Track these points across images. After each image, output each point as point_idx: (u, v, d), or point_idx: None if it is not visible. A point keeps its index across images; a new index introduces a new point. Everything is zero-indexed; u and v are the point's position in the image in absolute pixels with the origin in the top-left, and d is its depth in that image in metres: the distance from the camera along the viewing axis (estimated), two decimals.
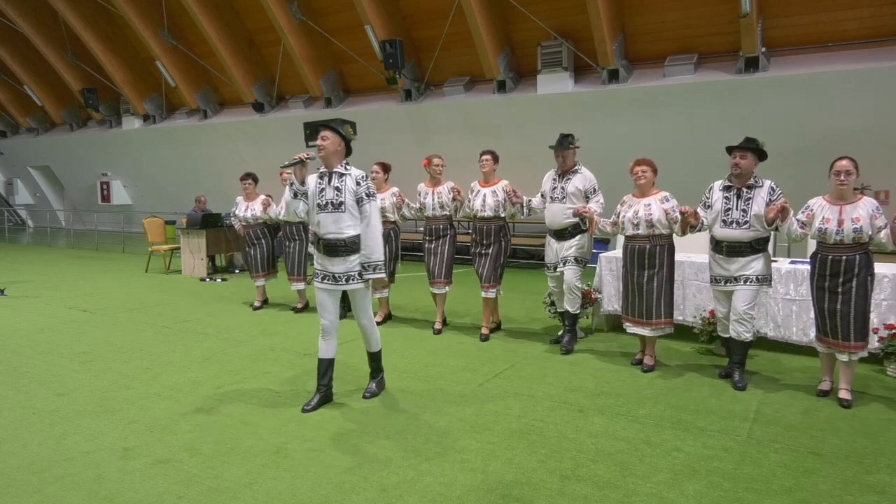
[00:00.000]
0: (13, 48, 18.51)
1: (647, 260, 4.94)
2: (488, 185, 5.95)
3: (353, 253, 4.13)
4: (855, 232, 4.10)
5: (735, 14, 9.29)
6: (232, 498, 3.08)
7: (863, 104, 9.06)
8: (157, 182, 18.62)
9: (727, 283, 4.64)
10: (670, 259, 4.98)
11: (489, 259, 5.97)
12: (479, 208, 5.93)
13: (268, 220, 7.62)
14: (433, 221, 6.24)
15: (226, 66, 14.51)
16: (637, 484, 3.18)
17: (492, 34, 11.33)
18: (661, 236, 4.91)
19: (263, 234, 7.69)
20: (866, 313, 4.23)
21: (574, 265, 5.54)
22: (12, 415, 4.19)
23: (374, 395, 4.48)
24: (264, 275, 7.73)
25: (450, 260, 6.28)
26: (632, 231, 4.96)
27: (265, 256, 7.70)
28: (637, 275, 5.00)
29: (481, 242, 6.01)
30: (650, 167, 4.94)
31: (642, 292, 4.98)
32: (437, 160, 6.21)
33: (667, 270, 4.95)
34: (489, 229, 5.94)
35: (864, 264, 4.16)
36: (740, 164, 4.48)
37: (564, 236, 5.54)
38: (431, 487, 3.16)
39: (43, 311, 7.56)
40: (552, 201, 5.57)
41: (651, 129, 10.58)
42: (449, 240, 6.26)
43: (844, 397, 4.25)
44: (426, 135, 12.58)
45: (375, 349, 4.55)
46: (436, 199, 6.16)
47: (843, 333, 4.23)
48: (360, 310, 4.33)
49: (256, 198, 7.68)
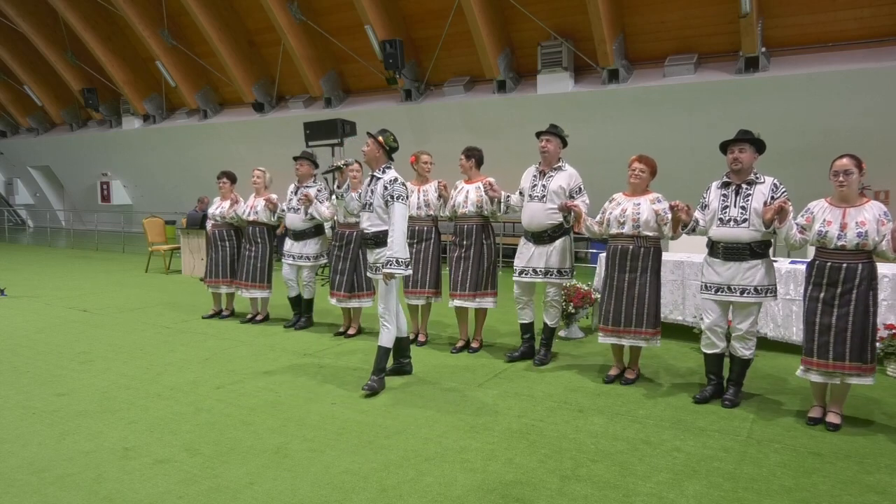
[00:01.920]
0: (13, 48, 18.51)
1: (629, 262, 4.54)
2: (472, 183, 5.53)
3: (377, 246, 4.59)
4: (859, 237, 3.65)
5: (735, 14, 9.30)
6: (232, 498, 3.08)
7: (863, 104, 9.07)
8: (157, 182, 18.63)
9: (719, 291, 4.16)
10: (656, 263, 4.56)
11: (470, 263, 5.42)
12: (461, 203, 5.47)
13: (235, 220, 6.88)
14: (415, 222, 5.63)
15: (226, 66, 14.52)
16: (637, 484, 3.18)
17: (492, 34, 11.34)
18: (646, 238, 4.50)
19: (229, 237, 6.96)
20: (866, 330, 3.71)
21: (557, 277, 5.10)
22: (12, 415, 4.19)
23: (372, 391, 4.49)
24: (225, 282, 6.96)
25: (435, 267, 5.70)
26: (616, 230, 4.57)
27: (227, 261, 6.95)
28: (618, 278, 4.59)
29: (461, 244, 5.49)
30: (649, 168, 4.59)
31: (622, 297, 4.58)
32: (424, 157, 5.78)
33: (651, 275, 4.54)
34: (469, 228, 5.45)
35: (867, 275, 3.69)
36: (741, 159, 4.08)
37: (543, 240, 5.06)
38: (431, 487, 3.16)
39: (43, 311, 7.56)
40: (531, 200, 5.07)
41: (651, 129, 10.58)
42: (433, 244, 5.71)
43: (832, 421, 3.83)
44: (426, 135, 12.59)
45: (381, 343, 4.62)
46: (421, 197, 5.68)
47: (836, 353, 3.73)
48: (378, 298, 4.67)
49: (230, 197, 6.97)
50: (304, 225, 6.43)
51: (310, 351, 5.72)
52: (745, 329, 4.16)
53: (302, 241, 6.47)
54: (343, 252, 6.04)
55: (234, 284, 6.96)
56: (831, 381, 3.84)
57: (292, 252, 6.51)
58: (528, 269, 5.15)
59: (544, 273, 5.11)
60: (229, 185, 7.00)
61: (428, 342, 5.90)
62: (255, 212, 6.68)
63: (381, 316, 4.61)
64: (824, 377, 3.84)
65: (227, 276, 6.95)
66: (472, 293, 5.44)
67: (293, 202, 6.46)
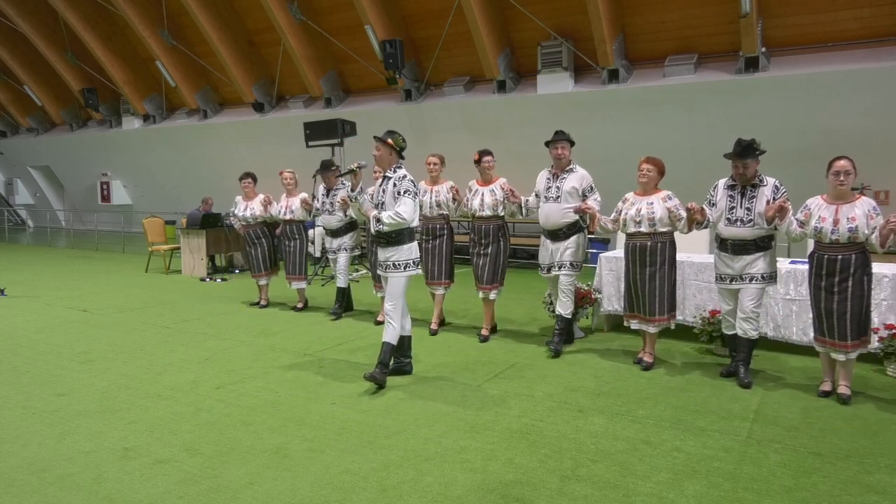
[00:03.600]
0: (13, 48, 18.51)
1: (648, 257, 4.95)
2: (486, 185, 5.94)
3: (390, 245, 4.68)
4: (850, 231, 4.10)
5: (735, 14, 9.29)
6: (232, 498, 3.08)
7: (863, 104, 9.06)
8: (157, 182, 18.62)
9: (733, 281, 4.68)
10: (672, 256, 5.00)
11: (488, 259, 5.94)
12: (477, 207, 5.91)
13: (268, 218, 7.61)
14: (430, 221, 6.15)
15: (226, 66, 14.51)
16: (637, 484, 3.18)
17: (492, 34, 11.34)
18: (662, 234, 4.92)
19: (263, 234, 7.66)
20: (862, 313, 4.21)
21: (570, 270, 5.51)
22: (12, 415, 4.19)
23: (374, 379, 4.56)
24: (266, 274, 7.74)
25: (448, 260, 6.23)
26: (633, 229, 4.97)
27: (266, 255, 7.69)
28: (639, 272, 5.01)
29: (480, 242, 5.97)
30: (657, 167, 4.96)
31: (644, 289, 5.00)
32: (431, 158, 6.19)
33: (668, 267, 4.98)
34: (488, 229, 5.91)
35: (861, 264, 4.15)
36: (745, 173, 4.55)
37: (559, 237, 5.50)
38: (431, 487, 3.16)
39: (43, 311, 7.56)
40: (547, 201, 5.51)
41: (651, 129, 10.58)
42: (446, 239, 6.20)
43: (843, 392, 4.28)
44: (426, 135, 12.59)
45: (387, 339, 4.69)
46: (433, 197, 6.11)
47: (840, 333, 4.24)
48: (387, 294, 4.78)
49: (255, 197, 7.64)
50: (339, 223, 7.15)
51: (310, 351, 5.72)
52: (751, 308, 4.63)
53: (339, 238, 7.19)
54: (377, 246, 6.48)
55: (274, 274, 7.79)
56: (839, 358, 4.28)
57: (332, 248, 7.24)
58: (552, 265, 5.61)
59: (559, 266, 5.54)
60: (253, 185, 7.70)
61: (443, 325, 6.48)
62: (290, 211, 7.39)
63: (387, 313, 4.72)
64: (836, 353, 4.30)
65: (268, 267, 7.74)
66: (489, 286, 5.97)
67: (326, 205, 7.13)
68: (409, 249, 4.71)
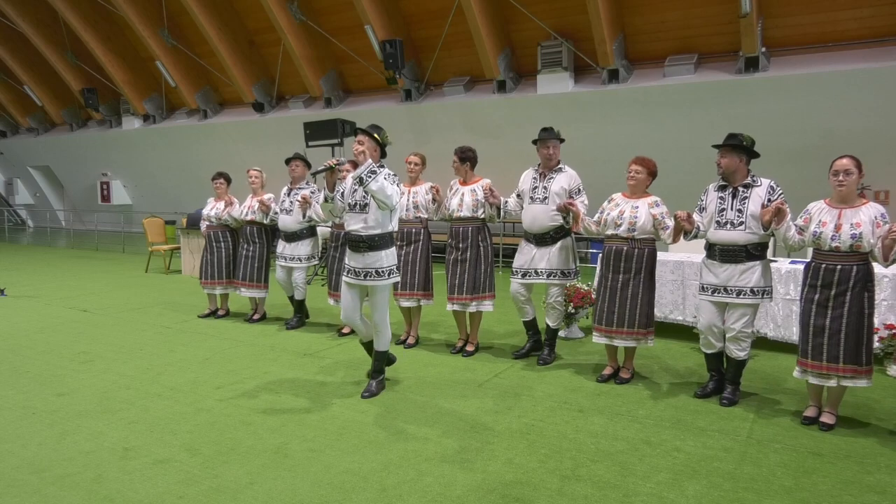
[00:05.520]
0: (13, 48, 18.49)
1: (623, 262, 4.57)
2: (467, 184, 5.45)
3: (371, 250, 4.31)
4: (853, 238, 3.62)
5: (735, 14, 9.29)
6: (232, 498, 3.08)
7: (863, 104, 9.06)
8: (157, 182, 18.62)
9: (715, 292, 4.19)
10: (650, 264, 4.59)
11: (467, 266, 5.34)
12: (455, 207, 5.38)
13: (230, 222, 6.89)
14: (405, 224, 5.56)
15: (226, 66, 14.51)
16: (637, 484, 3.18)
17: (492, 34, 11.33)
18: (641, 240, 4.54)
19: (224, 238, 6.94)
20: (860, 333, 3.70)
21: (561, 279, 5.13)
22: (12, 415, 4.19)
23: (373, 396, 4.47)
24: (220, 283, 6.94)
25: (424, 269, 5.62)
26: (612, 230, 4.60)
27: (222, 263, 6.92)
28: (612, 278, 4.62)
29: (457, 247, 5.39)
30: (647, 169, 4.60)
31: (615, 298, 4.60)
32: (411, 158, 5.70)
33: (645, 276, 4.56)
34: (465, 231, 5.35)
35: (862, 277, 3.66)
36: (720, 163, 4.15)
37: (546, 241, 5.08)
38: (431, 487, 3.16)
39: (43, 311, 7.56)
40: (532, 202, 5.09)
41: (651, 129, 10.58)
42: (422, 246, 5.62)
43: (826, 420, 3.84)
44: (426, 135, 12.58)
45: (381, 348, 4.57)
46: (410, 198, 5.59)
47: (830, 354, 3.73)
48: (373, 305, 4.49)
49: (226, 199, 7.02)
50: (299, 226, 6.43)
51: (310, 351, 5.72)
52: (739, 329, 4.17)
53: (294, 243, 6.47)
54: (341, 252, 6.04)
55: (231, 285, 6.97)
56: (827, 384, 3.83)
57: (284, 254, 6.51)
58: (530, 271, 5.17)
59: (547, 274, 5.13)
60: (226, 186, 7.03)
61: (418, 344, 5.85)
62: (252, 211, 6.70)
63: (377, 323, 4.50)
64: (819, 379, 3.84)
65: (222, 277, 6.95)
66: (470, 296, 5.37)
67: (286, 204, 6.45)
68: (391, 255, 4.41)
